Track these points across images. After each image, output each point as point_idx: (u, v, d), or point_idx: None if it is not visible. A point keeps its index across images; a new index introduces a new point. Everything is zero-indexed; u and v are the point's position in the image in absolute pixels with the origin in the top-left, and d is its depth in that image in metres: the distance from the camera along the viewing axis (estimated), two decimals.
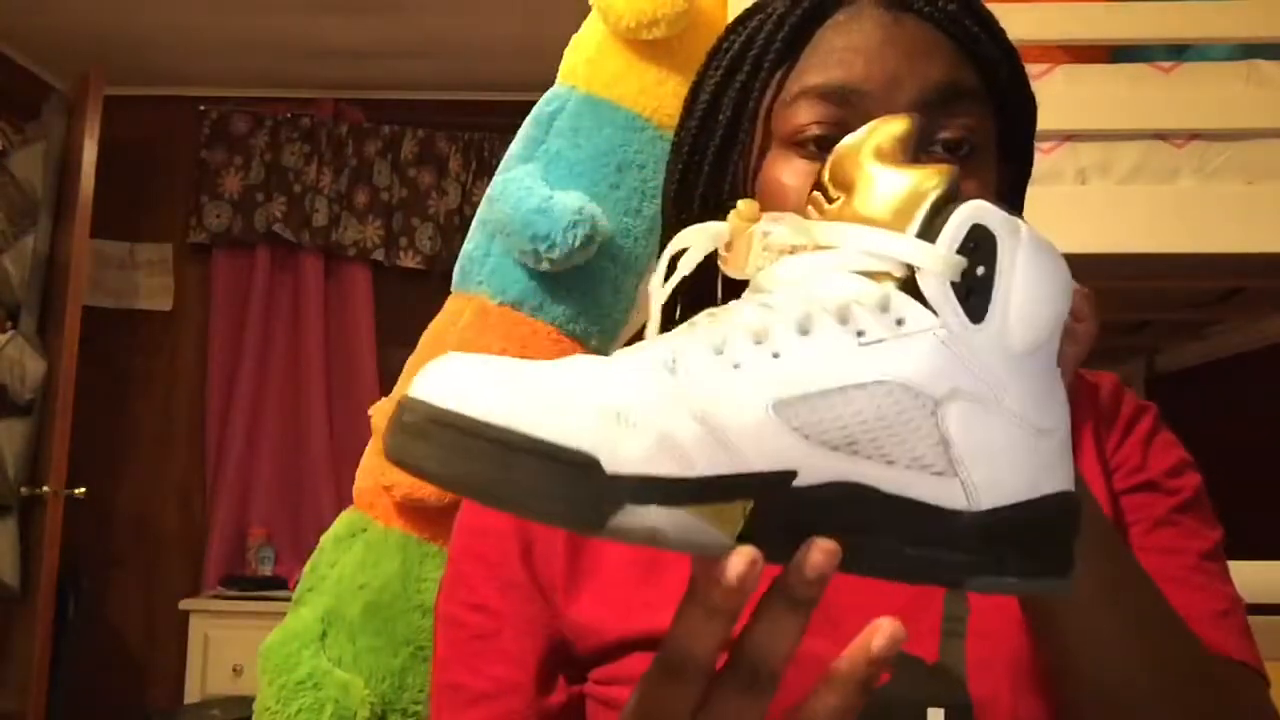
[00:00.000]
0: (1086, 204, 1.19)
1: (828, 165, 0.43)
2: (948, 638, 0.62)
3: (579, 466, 0.35)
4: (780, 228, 0.42)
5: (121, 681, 3.48)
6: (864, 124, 0.50)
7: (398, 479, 1.25)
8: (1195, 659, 0.60)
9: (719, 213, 0.59)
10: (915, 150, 0.43)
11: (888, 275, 0.39)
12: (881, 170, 0.41)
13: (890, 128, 0.42)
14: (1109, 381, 0.76)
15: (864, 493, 0.38)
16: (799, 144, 0.63)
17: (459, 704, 0.67)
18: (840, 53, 0.63)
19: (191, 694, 3.19)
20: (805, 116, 0.63)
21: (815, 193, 0.44)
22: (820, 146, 0.62)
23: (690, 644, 0.38)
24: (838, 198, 0.42)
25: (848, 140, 0.43)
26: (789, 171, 0.64)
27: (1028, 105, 0.70)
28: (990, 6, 0.68)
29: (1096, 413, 0.73)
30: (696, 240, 0.46)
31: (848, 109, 0.62)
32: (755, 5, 0.69)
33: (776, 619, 0.38)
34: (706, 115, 0.68)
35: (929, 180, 0.40)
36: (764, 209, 0.57)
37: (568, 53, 1.37)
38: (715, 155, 0.68)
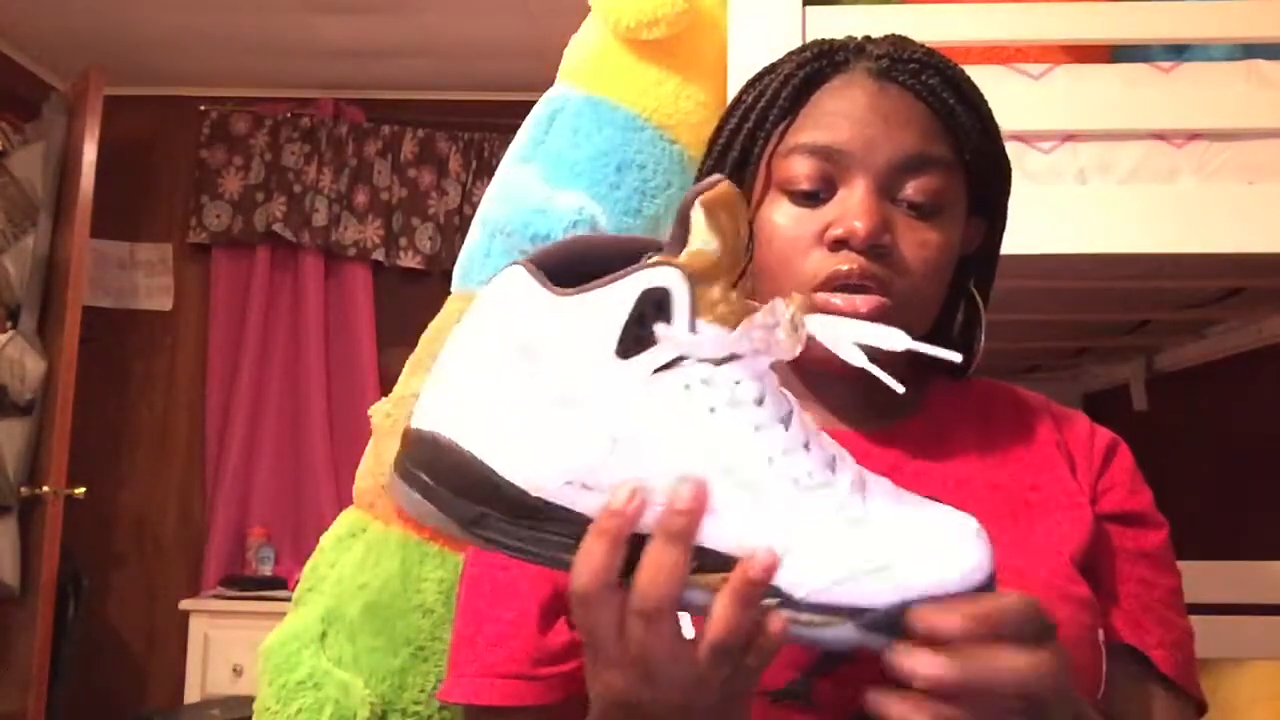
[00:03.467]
0: (1086, 204, 1.19)
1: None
2: None
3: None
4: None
5: (121, 681, 3.48)
6: (845, 178, 0.73)
7: None
8: None
9: None
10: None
11: None
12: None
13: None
14: (1080, 416, 0.84)
15: None
16: (790, 192, 0.75)
17: (477, 648, 0.75)
18: (830, 116, 0.75)
19: (191, 694, 3.19)
20: (797, 169, 0.74)
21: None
22: (808, 195, 0.74)
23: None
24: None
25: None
26: (781, 214, 0.75)
27: (1000, 168, 0.80)
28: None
29: (1072, 442, 0.81)
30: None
31: (831, 165, 0.73)
32: (771, 65, 0.81)
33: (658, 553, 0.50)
34: (720, 156, 0.80)
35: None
36: (759, 245, 0.78)
37: (568, 53, 1.37)
38: None
